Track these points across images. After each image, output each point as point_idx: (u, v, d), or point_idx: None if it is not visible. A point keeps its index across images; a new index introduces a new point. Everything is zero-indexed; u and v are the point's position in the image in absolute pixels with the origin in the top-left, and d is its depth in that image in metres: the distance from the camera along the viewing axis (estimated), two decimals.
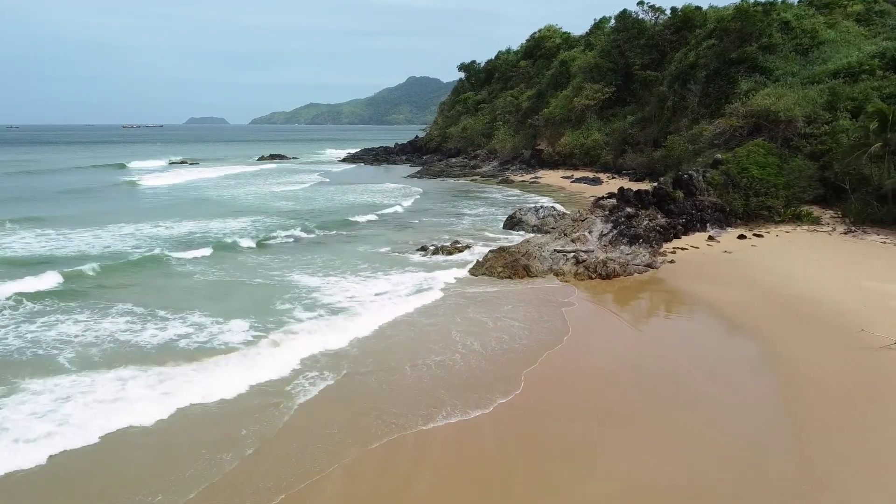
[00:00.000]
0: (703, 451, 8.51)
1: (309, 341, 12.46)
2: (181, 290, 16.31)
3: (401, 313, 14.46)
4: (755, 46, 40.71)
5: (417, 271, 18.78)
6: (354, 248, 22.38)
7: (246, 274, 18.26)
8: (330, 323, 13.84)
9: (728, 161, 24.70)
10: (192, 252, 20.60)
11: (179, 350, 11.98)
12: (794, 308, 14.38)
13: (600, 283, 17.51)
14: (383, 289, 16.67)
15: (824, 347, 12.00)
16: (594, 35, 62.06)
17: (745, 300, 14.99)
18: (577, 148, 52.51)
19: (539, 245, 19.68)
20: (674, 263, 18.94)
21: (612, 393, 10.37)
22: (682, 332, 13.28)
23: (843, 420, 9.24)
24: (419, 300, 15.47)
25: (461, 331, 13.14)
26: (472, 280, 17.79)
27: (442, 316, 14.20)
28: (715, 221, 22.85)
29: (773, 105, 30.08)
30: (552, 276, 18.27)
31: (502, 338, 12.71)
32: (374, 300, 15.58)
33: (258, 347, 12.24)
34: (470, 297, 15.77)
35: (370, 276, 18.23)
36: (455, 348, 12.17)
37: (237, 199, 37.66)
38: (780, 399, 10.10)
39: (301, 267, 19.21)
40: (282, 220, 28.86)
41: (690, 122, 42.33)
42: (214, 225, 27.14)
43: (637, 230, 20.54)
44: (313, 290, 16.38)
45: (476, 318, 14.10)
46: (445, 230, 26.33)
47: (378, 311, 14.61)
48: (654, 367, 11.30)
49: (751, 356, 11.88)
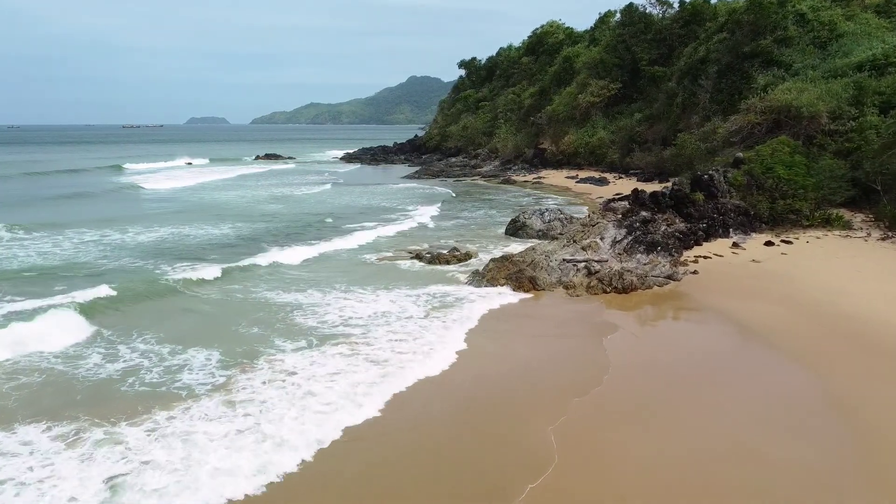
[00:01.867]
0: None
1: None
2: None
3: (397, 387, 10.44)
4: (770, 40, 38.71)
5: (413, 287, 16.76)
6: (337, 255, 20.39)
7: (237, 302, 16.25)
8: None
9: (751, 160, 22.66)
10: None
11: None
12: (844, 330, 12.36)
13: (615, 298, 15.50)
14: (381, 309, 14.57)
15: (891, 384, 9.98)
16: (599, 30, 60.04)
17: (788, 321, 12.96)
18: (582, 147, 50.49)
19: (546, 253, 17.66)
20: (697, 274, 16.92)
21: (646, 439, 8.35)
22: (726, 367, 11.06)
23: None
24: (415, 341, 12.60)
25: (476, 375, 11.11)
26: (479, 298, 15.76)
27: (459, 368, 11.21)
28: (738, 226, 20.82)
29: (795, 100, 28.04)
30: (561, 288, 16.25)
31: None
32: (372, 337, 12.66)
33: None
34: (487, 329, 13.20)
35: (353, 292, 16.20)
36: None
37: (227, 203, 35.69)
38: (853, 455, 8.08)
39: (274, 284, 17.19)
40: (266, 225, 26.89)
41: (701, 120, 40.35)
42: (195, 231, 25.17)
43: (654, 237, 18.51)
44: (295, 308, 14.39)
45: (493, 349, 12.04)
46: (441, 234, 24.33)
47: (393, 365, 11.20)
48: (698, 416, 9.27)
49: (810, 396, 9.84)
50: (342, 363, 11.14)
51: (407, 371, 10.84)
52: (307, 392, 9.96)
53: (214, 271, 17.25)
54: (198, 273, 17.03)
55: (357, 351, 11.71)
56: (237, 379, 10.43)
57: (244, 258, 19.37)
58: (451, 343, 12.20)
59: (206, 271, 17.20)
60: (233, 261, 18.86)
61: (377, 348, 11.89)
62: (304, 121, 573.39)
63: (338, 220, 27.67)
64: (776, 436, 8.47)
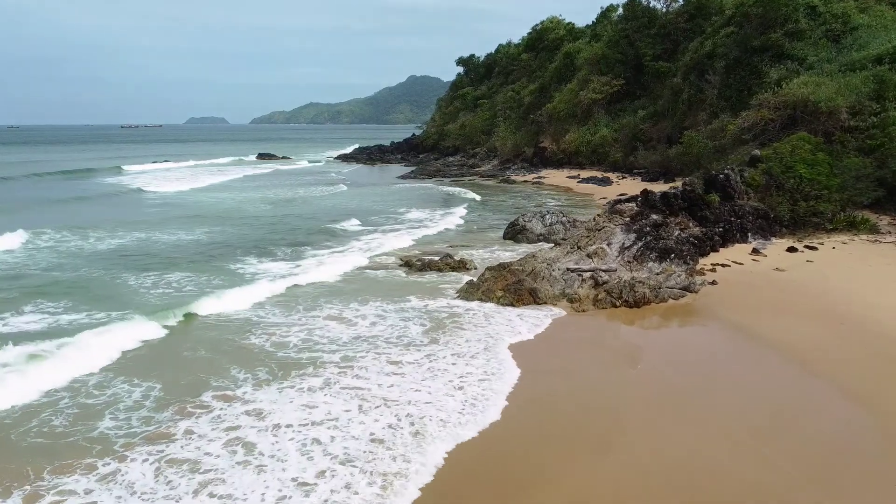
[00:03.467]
0: None
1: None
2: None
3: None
4: (780, 33, 36.99)
5: (402, 299, 15.04)
6: (318, 258, 18.67)
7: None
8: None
9: (769, 158, 20.94)
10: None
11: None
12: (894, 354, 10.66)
13: (626, 313, 13.78)
14: (364, 332, 12.84)
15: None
16: (601, 25, 58.29)
17: (829, 343, 11.23)
18: (584, 145, 48.74)
19: (548, 261, 15.95)
20: (716, 285, 15.20)
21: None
22: (774, 409, 9.20)
23: None
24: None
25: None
26: (478, 318, 14.04)
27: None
28: (757, 230, 19.09)
29: (812, 94, 26.31)
30: (565, 302, 14.53)
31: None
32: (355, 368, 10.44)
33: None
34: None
35: (332, 306, 14.47)
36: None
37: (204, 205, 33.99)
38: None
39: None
40: (236, 230, 25.19)
41: (709, 117, 38.69)
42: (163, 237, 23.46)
43: (667, 242, 16.79)
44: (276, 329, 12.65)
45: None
46: (434, 236, 22.62)
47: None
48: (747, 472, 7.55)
49: (869, 442, 8.13)
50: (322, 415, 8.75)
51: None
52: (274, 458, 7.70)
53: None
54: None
55: (345, 387, 9.84)
56: (177, 426, 8.54)
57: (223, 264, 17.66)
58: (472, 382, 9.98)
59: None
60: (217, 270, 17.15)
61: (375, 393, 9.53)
62: (304, 121, 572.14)
63: (315, 226, 25.92)
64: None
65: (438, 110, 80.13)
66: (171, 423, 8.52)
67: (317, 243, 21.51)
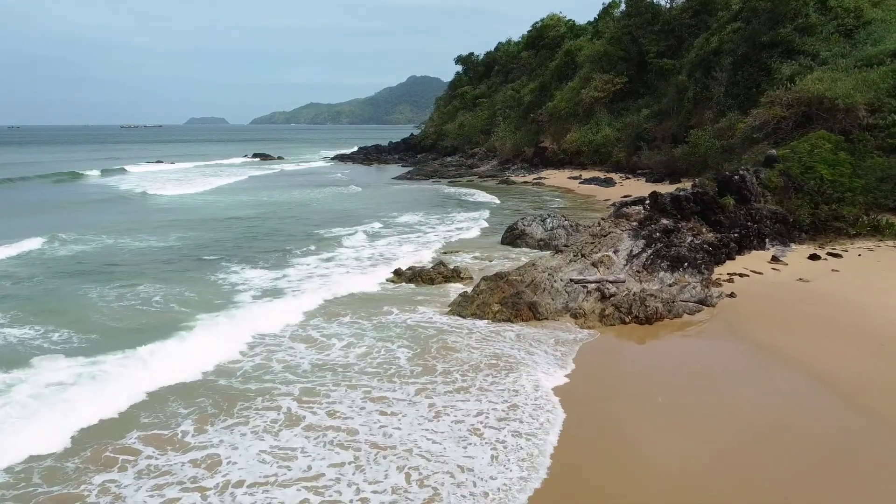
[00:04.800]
0: None
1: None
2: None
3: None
4: (790, 28, 35.56)
5: (391, 313, 13.63)
6: (301, 261, 17.25)
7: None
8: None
9: (786, 158, 19.51)
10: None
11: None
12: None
13: (636, 330, 12.37)
14: (333, 358, 11.44)
15: None
16: (602, 21, 56.87)
17: (870, 368, 9.81)
18: (586, 145, 47.32)
19: (549, 271, 14.52)
20: (735, 298, 13.77)
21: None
22: (815, 445, 7.80)
23: None
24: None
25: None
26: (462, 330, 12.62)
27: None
28: (776, 236, 17.66)
29: (829, 90, 24.89)
30: (568, 317, 13.12)
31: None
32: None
33: None
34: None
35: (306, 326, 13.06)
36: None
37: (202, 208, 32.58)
38: None
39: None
40: (202, 234, 23.79)
41: (716, 115, 37.25)
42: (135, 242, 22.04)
43: (680, 250, 15.37)
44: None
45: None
46: (427, 243, 21.20)
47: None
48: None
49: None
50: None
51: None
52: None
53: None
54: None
55: (316, 428, 8.38)
56: (90, 482, 6.76)
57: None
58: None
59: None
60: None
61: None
62: (304, 121, 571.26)
63: (298, 232, 24.53)
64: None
65: (437, 109, 78.70)
66: (83, 479, 6.88)
67: (301, 252, 20.09)
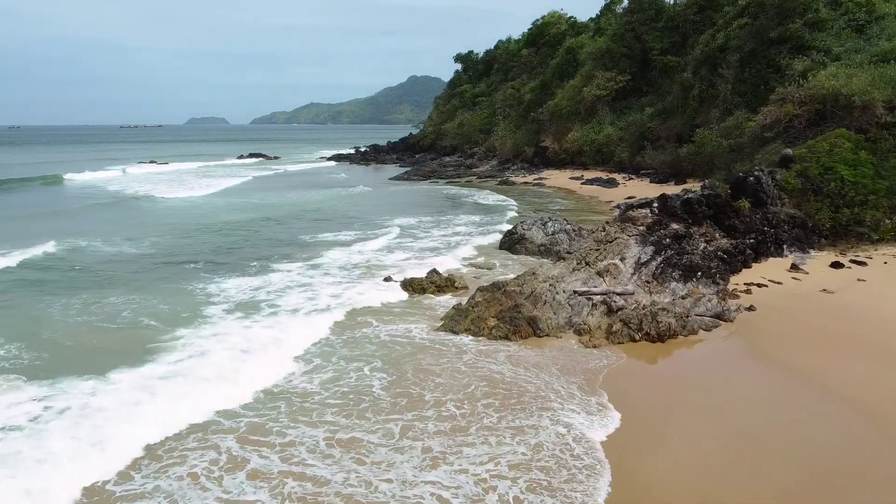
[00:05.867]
0: None
1: None
2: None
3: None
4: (799, 23, 34.36)
5: (373, 327, 12.42)
6: (282, 267, 16.04)
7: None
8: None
9: (803, 158, 18.27)
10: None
11: None
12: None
13: (647, 349, 11.15)
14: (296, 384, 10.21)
15: None
16: (604, 18, 55.65)
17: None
18: (587, 145, 46.14)
19: (551, 280, 13.30)
20: (754, 311, 12.54)
21: None
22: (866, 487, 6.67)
23: None
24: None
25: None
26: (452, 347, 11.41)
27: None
28: (794, 241, 16.43)
29: (845, 87, 23.65)
30: (572, 333, 11.90)
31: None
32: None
33: None
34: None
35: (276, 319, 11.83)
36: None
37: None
38: None
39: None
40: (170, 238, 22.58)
41: (722, 114, 36.07)
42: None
43: (692, 258, 14.14)
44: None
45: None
46: (420, 250, 19.99)
47: None
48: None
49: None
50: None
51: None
52: None
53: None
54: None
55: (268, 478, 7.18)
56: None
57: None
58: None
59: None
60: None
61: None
62: (305, 121, 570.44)
63: (279, 238, 23.31)
64: None
65: (436, 109, 77.49)
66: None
67: (282, 257, 18.88)
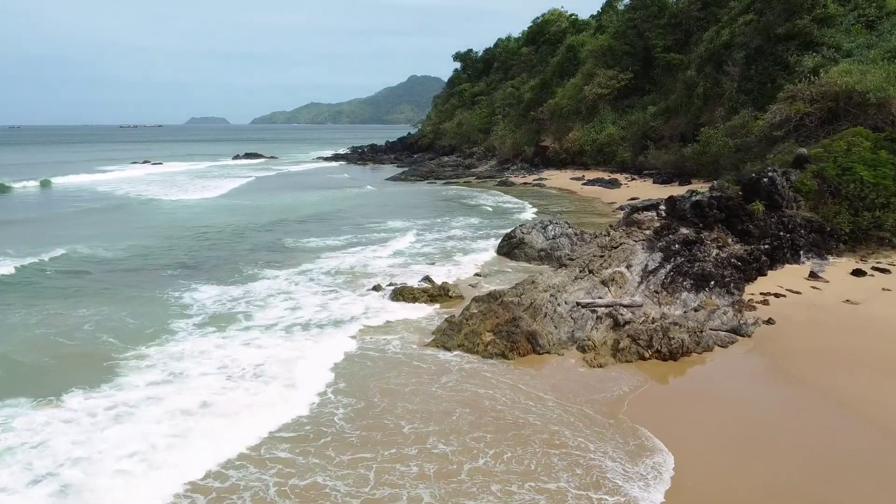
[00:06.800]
0: None
1: None
2: None
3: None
4: (807, 19, 33.35)
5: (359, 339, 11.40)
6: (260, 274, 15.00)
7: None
8: None
9: (819, 158, 17.24)
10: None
11: None
12: None
13: (658, 368, 10.12)
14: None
15: None
16: (606, 15, 54.62)
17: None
18: (589, 144, 45.10)
19: (551, 290, 12.28)
20: (773, 325, 11.51)
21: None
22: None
23: None
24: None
25: None
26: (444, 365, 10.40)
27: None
28: (811, 247, 15.40)
29: (859, 83, 22.68)
30: (575, 350, 10.87)
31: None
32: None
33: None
34: None
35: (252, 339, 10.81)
36: None
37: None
38: None
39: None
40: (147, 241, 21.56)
41: (727, 112, 35.08)
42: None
43: (704, 265, 13.11)
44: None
45: None
46: (413, 255, 18.97)
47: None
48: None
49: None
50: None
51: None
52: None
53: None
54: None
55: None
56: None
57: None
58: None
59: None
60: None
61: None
62: (305, 121, 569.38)
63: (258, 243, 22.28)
64: None
65: (435, 108, 76.46)
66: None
67: (252, 264, 17.86)
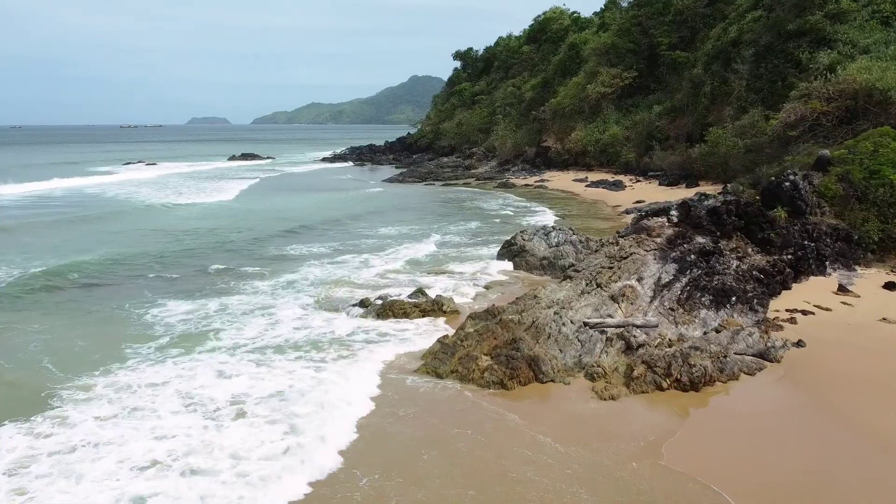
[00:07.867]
0: None
1: None
2: None
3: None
4: (819, 15, 32.09)
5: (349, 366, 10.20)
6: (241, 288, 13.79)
7: None
8: None
9: (844, 160, 16.01)
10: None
11: None
12: None
13: (677, 399, 8.91)
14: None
15: None
16: (609, 12, 53.38)
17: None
18: (592, 144, 43.86)
19: (556, 306, 11.06)
20: (804, 348, 10.28)
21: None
22: None
23: None
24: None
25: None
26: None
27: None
28: (837, 257, 14.17)
29: (879, 80, 21.45)
30: (582, 378, 9.65)
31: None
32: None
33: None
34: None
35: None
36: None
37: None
38: None
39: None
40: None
41: (736, 112, 33.84)
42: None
43: (724, 279, 11.88)
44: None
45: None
46: (406, 264, 17.75)
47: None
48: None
49: None
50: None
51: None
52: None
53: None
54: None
55: None
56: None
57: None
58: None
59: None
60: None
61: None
62: (305, 121, 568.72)
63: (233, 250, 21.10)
64: None
65: (434, 108, 75.25)
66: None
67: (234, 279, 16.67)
